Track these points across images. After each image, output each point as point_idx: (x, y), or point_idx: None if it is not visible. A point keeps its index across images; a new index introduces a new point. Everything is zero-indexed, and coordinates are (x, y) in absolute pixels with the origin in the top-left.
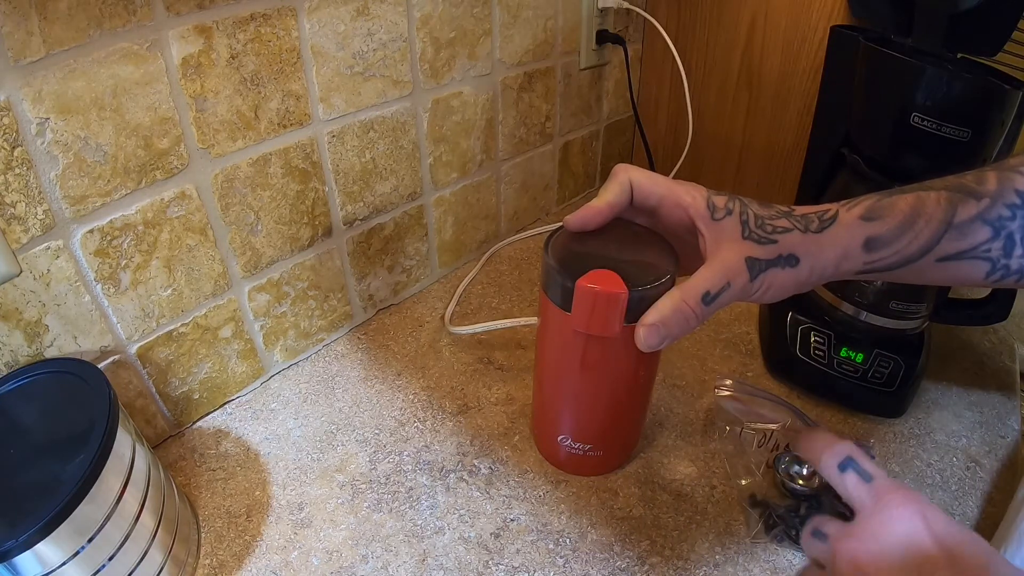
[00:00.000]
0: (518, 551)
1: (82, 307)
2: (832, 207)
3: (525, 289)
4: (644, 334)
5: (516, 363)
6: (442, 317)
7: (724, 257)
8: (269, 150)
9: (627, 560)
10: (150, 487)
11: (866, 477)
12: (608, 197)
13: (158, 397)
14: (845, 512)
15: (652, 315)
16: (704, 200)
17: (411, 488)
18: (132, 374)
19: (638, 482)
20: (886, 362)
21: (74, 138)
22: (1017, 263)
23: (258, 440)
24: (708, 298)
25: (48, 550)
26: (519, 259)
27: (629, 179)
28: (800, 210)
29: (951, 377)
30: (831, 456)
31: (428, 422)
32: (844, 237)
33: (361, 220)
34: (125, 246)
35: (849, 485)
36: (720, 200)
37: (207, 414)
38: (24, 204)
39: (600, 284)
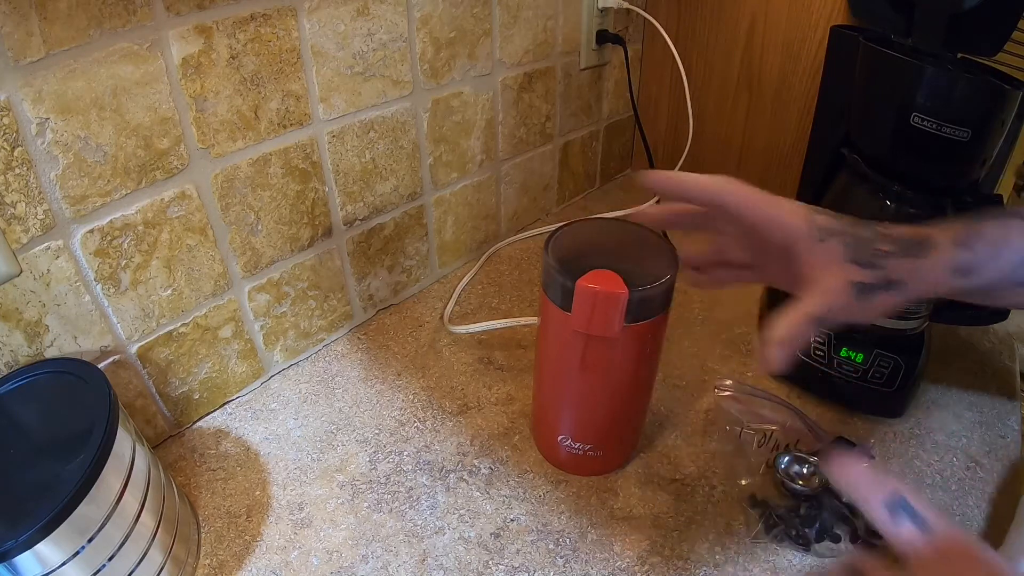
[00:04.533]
0: (518, 551)
1: (82, 307)
2: (926, 231)
3: (525, 289)
4: (776, 352)
5: (516, 363)
6: (442, 317)
7: (830, 282)
8: (269, 150)
9: (627, 560)
10: (150, 487)
11: (923, 527)
12: (705, 181)
13: (158, 397)
14: (846, 513)
15: (780, 330)
16: (805, 220)
17: (411, 488)
18: (132, 374)
19: (638, 482)
20: (886, 362)
21: (74, 138)
22: None
23: (258, 440)
24: (819, 321)
25: (48, 550)
26: (519, 259)
27: (732, 192)
28: (896, 232)
29: (951, 377)
30: (877, 494)
31: (428, 422)
32: (940, 262)
33: (361, 220)
34: (125, 246)
35: (903, 534)
36: (823, 220)
37: (207, 414)
38: (24, 204)
39: (600, 284)
